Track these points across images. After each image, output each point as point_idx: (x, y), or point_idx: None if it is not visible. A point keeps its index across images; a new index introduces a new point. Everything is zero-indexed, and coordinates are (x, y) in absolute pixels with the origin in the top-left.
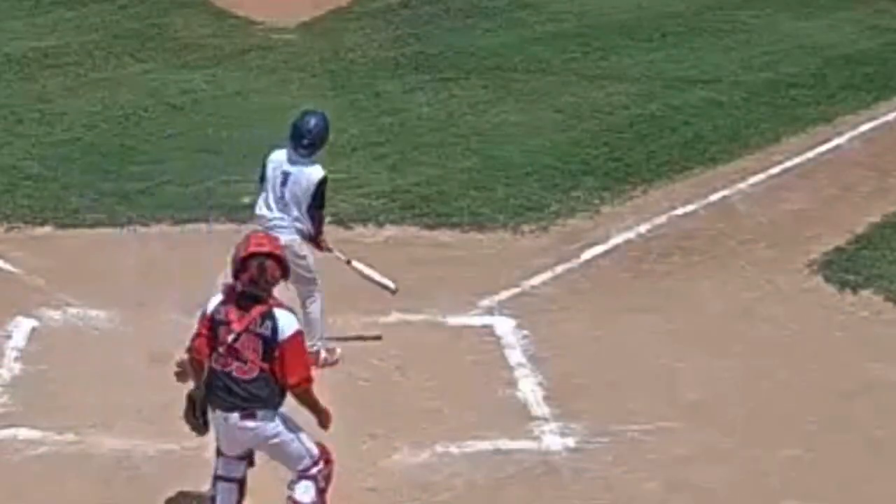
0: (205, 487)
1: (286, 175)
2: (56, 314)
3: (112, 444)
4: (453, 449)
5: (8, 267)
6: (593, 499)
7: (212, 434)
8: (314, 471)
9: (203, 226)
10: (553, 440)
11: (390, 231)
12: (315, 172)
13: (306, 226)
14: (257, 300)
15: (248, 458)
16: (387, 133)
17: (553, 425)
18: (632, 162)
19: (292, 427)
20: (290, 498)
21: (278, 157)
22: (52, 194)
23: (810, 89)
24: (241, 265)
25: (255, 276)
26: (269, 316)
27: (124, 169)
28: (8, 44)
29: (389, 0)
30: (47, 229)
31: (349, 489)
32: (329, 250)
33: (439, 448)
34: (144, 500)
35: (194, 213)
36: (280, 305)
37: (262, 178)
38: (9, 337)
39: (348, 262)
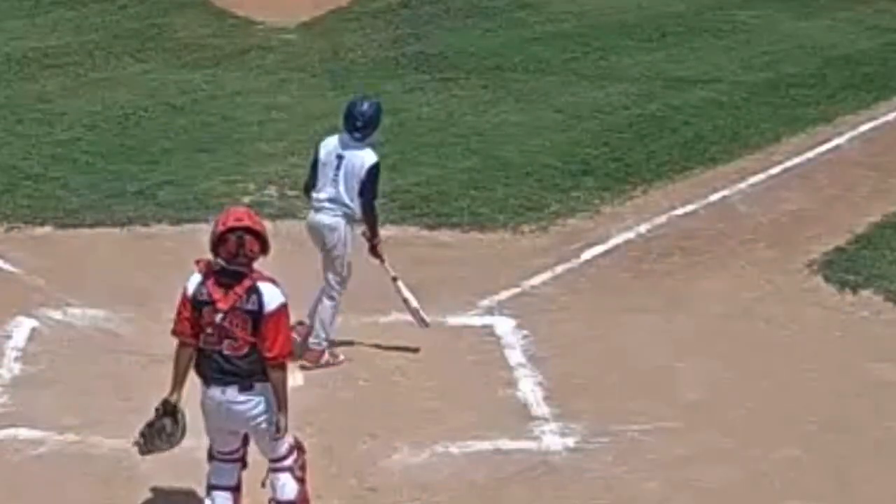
0: (204, 487)
1: (340, 159)
2: (56, 314)
3: (112, 444)
4: (453, 449)
5: (8, 267)
6: (593, 499)
7: (206, 438)
8: (290, 461)
9: (203, 226)
10: (553, 440)
11: (390, 231)
12: (368, 157)
13: (356, 213)
14: (238, 276)
15: (241, 460)
16: (387, 133)
17: (553, 425)
18: (632, 162)
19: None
20: (273, 500)
21: (332, 142)
22: (52, 194)
23: (810, 89)
24: (219, 239)
25: (234, 251)
26: (254, 291)
27: (124, 169)
28: (8, 44)
29: (389, 0)
30: (47, 229)
31: (349, 489)
32: (381, 260)
33: (439, 448)
34: (144, 500)
35: (194, 213)
36: (263, 278)
37: (314, 163)
38: (9, 337)
39: (394, 280)
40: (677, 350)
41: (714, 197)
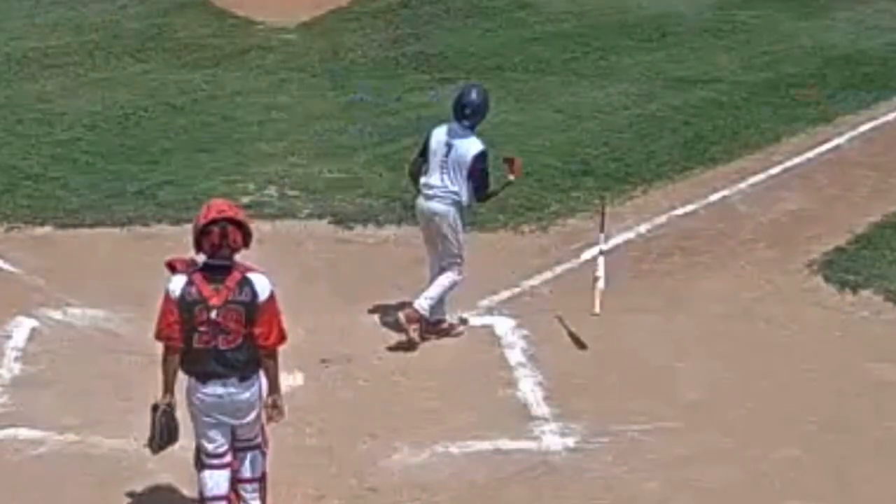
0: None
1: (449, 147)
2: (56, 314)
3: (112, 444)
4: (453, 449)
5: (8, 267)
6: (593, 499)
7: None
8: (260, 439)
9: None
10: (553, 440)
11: (390, 231)
12: (474, 146)
13: (464, 199)
14: (225, 270)
15: (232, 465)
16: (387, 133)
17: (553, 425)
18: (632, 162)
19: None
20: (241, 479)
21: (441, 130)
22: (52, 194)
23: (810, 89)
24: (201, 232)
25: (217, 243)
26: (245, 282)
27: (124, 169)
28: (8, 44)
29: (389, 0)
30: (47, 229)
31: (349, 489)
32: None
33: (439, 448)
34: (144, 500)
35: (194, 213)
36: (250, 269)
37: (423, 151)
38: (9, 337)
39: (600, 253)
40: (677, 350)
41: (714, 197)
